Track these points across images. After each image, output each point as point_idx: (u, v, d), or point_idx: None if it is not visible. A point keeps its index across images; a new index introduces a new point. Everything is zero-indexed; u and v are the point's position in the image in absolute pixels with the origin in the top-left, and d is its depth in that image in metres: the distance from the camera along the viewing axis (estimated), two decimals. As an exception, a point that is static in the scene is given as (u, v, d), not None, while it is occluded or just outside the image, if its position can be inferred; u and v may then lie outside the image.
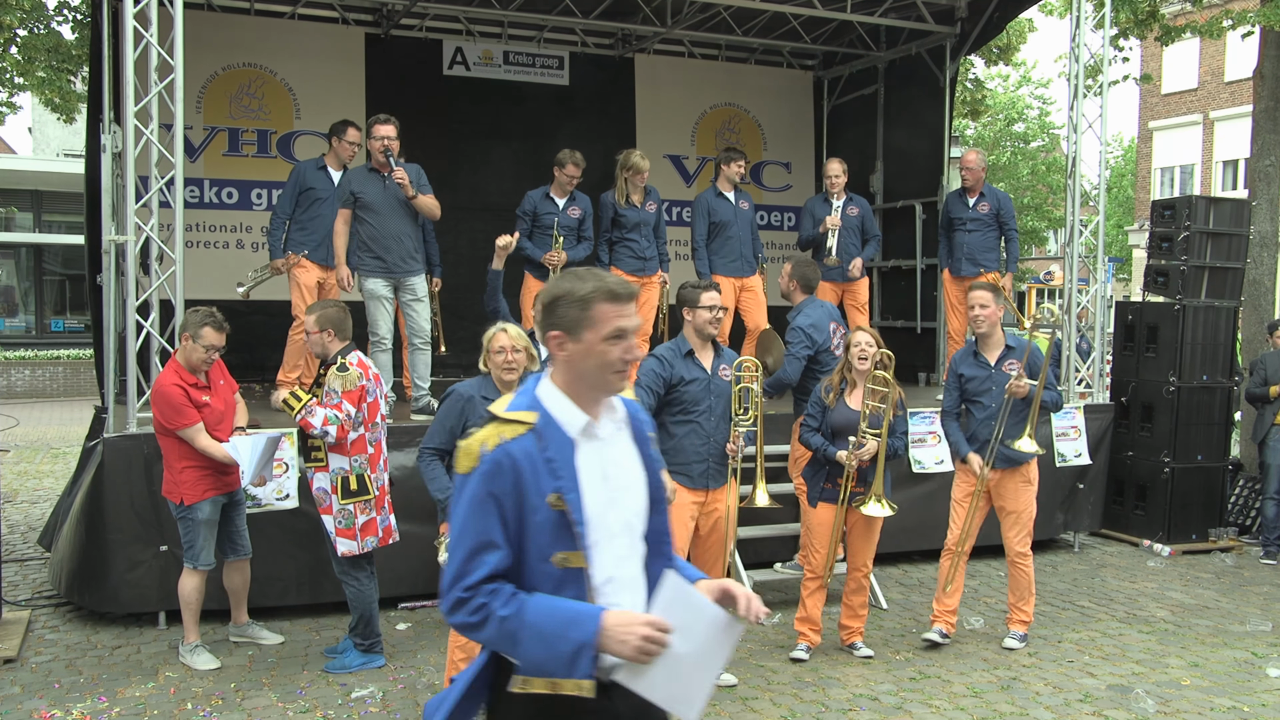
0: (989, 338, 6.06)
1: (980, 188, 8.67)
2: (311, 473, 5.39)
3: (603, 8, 10.14)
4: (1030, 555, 6.13)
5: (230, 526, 5.76)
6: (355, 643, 5.57)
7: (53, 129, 30.77)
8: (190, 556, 5.56)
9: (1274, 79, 10.40)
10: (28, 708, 5.00)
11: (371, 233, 6.94)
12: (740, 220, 8.28)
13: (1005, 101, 31.21)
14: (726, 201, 8.31)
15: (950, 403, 6.16)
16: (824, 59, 12.00)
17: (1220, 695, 5.36)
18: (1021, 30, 14.98)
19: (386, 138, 6.85)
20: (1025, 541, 6.08)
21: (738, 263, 8.28)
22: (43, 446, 14.09)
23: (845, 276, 8.58)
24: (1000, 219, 8.62)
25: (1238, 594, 7.33)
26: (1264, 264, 10.33)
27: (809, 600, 5.85)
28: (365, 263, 6.97)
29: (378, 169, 6.93)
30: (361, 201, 6.90)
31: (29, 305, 25.30)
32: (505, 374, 4.81)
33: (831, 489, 5.71)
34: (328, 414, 5.21)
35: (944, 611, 6.14)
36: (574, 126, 10.81)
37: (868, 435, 5.58)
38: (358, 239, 6.97)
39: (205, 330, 5.47)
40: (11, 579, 7.17)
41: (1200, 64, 29.10)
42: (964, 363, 6.14)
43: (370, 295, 6.97)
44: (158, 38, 6.16)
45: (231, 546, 5.81)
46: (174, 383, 5.45)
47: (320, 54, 10.11)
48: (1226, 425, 8.83)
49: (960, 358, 6.20)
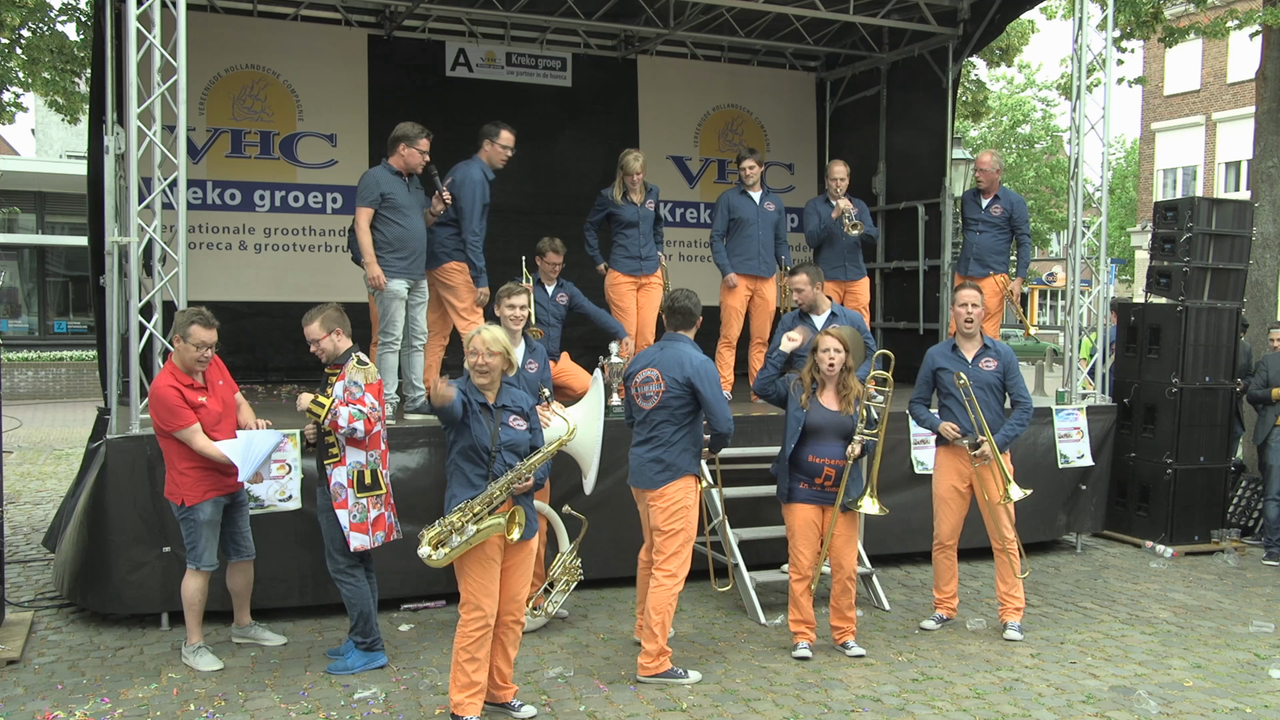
0: (970, 336, 6.31)
1: (995, 190, 8.65)
2: (330, 469, 5.38)
3: (605, 9, 10.14)
4: (1015, 541, 6.32)
5: (233, 528, 5.77)
6: (356, 642, 5.57)
7: (56, 130, 30.81)
8: (193, 558, 5.57)
9: (1277, 80, 10.39)
10: (31, 709, 5.00)
11: (399, 234, 6.99)
12: (762, 220, 8.27)
13: (1011, 104, 31.22)
14: (749, 200, 8.33)
15: (920, 393, 6.45)
16: (826, 60, 12.00)
17: (1223, 696, 5.36)
18: (1023, 32, 14.99)
19: (427, 152, 7.06)
20: (1010, 529, 6.29)
21: (754, 262, 8.30)
22: (45, 448, 14.10)
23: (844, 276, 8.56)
24: (1013, 222, 8.60)
25: (1240, 595, 7.32)
26: (1266, 265, 10.32)
27: (801, 600, 5.88)
28: (390, 263, 7.02)
29: (402, 174, 7.02)
30: (391, 202, 6.97)
31: (32, 306, 25.34)
32: (478, 376, 4.88)
33: (807, 489, 5.76)
34: (352, 411, 5.24)
35: (945, 597, 6.44)
36: (577, 128, 10.84)
37: (863, 435, 5.66)
38: (383, 239, 7.02)
39: (194, 329, 5.46)
40: (14, 580, 7.19)
41: (1203, 65, 29.08)
42: (940, 357, 6.38)
43: (393, 295, 7.03)
44: (161, 39, 6.17)
45: (234, 548, 5.81)
46: (169, 384, 5.46)
47: (323, 55, 10.12)
48: (1229, 427, 8.82)
49: (938, 352, 6.43)
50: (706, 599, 6.79)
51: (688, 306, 5.69)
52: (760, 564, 6.86)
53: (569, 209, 9.52)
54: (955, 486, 6.33)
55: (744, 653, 5.93)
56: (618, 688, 5.36)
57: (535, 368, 6.33)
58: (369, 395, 5.34)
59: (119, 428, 6.19)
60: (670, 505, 5.49)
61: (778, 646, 6.04)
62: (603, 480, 6.54)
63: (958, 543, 6.44)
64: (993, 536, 6.33)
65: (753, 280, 8.32)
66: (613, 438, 6.71)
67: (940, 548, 6.44)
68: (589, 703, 5.16)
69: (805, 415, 5.74)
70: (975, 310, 6.22)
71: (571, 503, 6.42)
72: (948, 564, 6.45)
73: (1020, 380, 6.34)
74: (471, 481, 4.79)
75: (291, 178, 10.02)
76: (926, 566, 7.72)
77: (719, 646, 6.03)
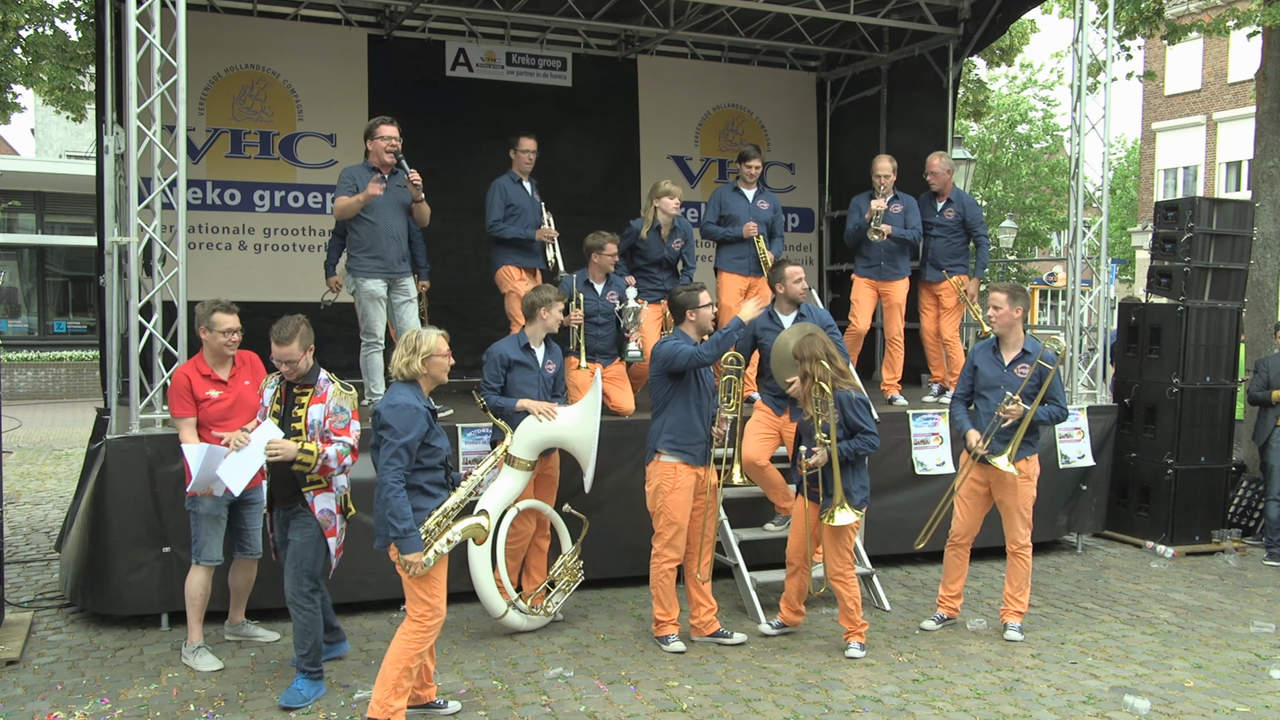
0: (1007, 337, 6.29)
1: (948, 192, 8.58)
2: (312, 496, 5.08)
3: (605, 9, 10.14)
4: (1030, 546, 6.32)
5: (240, 524, 5.76)
6: (308, 671, 5.17)
7: (56, 130, 30.80)
8: (194, 551, 5.59)
9: (1277, 80, 10.38)
10: (30, 709, 5.00)
11: (372, 233, 6.95)
12: (755, 219, 8.22)
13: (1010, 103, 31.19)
14: (742, 198, 8.29)
15: (961, 389, 6.47)
16: (827, 60, 11.99)
17: (1224, 697, 5.35)
18: (1024, 32, 14.96)
19: (393, 139, 6.93)
20: (1025, 534, 6.29)
21: (746, 260, 8.25)
22: (45, 448, 14.10)
23: (877, 276, 8.50)
24: (967, 225, 8.51)
25: (1241, 595, 7.32)
26: (1267, 265, 10.31)
27: (788, 582, 6.20)
28: (363, 264, 6.97)
29: (379, 169, 6.95)
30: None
31: (31, 306, 25.33)
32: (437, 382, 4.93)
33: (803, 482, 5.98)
34: (339, 449, 5.03)
35: (948, 597, 6.47)
36: (577, 128, 10.83)
37: (822, 443, 5.73)
38: (355, 239, 6.98)
39: (216, 316, 5.55)
40: (14, 580, 7.19)
41: (1204, 65, 29.09)
42: (981, 355, 6.39)
43: (369, 296, 6.99)
44: (160, 39, 6.16)
45: (240, 544, 5.81)
46: (185, 371, 5.60)
47: (323, 55, 10.11)
48: (1229, 427, 8.81)
49: (980, 349, 6.44)
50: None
51: (673, 301, 6.09)
52: (760, 564, 6.85)
53: (569, 209, 9.51)
54: (974, 486, 6.33)
55: (744, 653, 5.92)
56: (618, 688, 5.35)
57: (553, 368, 6.37)
58: (355, 422, 5.13)
59: (119, 428, 6.18)
60: (649, 487, 5.93)
61: (778, 647, 6.04)
62: (603, 480, 6.55)
63: (972, 543, 6.44)
64: (1008, 538, 6.33)
65: (745, 279, 8.29)
66: (612, 438, 6.73)
67: (953, 545, 6.45)
68: (589, 703, 5.16)
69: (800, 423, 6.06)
70: (998, 312, 6.22)
71: (572, 502, 6.42)
72: (958, 562, 6.45)
73: (1058, 385, 6.22)
74: (430, 492, 4.81)
75: (291, 178, 10.01)
76: (926, 566, 7.74)
77: (719, 646, 6.02)
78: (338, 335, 10.43)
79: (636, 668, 5.65)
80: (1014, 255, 29.32)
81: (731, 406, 5.97)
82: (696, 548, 5.96)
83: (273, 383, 5.24)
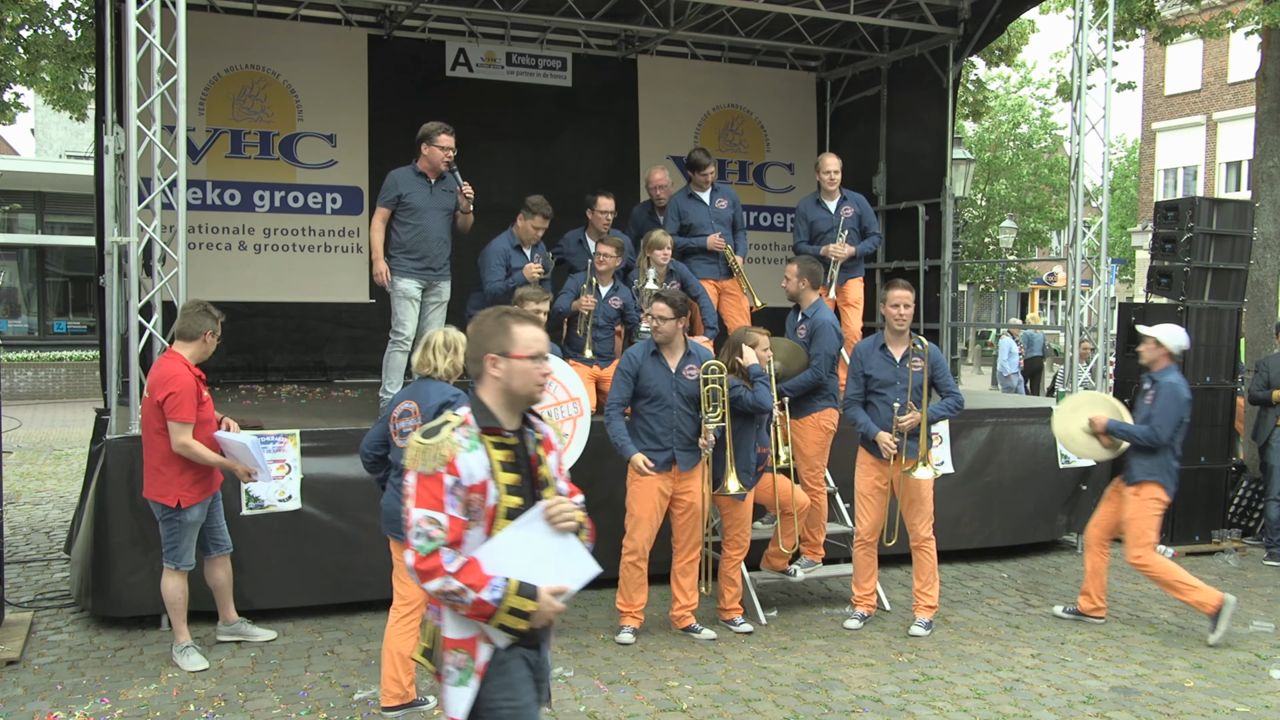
0: (899, 335, 6.26)
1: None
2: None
3: (605, 9, 10.14)
4: (933, 539, 6.34)
5: (210, 523, 5.75)
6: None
7: (55, 130, 30.83)
8: (173, 557, 5.56)
9: (1277, 80, 10.38)
10: (30, 709, 5.00)
11: (414, 235, 7.07)
12: (717, 222, 8.11)
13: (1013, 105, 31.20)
14: (699, 203, 8.15)
15: (853, 391, 6.37)
16: (827, 60, 12.00)
17: (1224, 697, 5.35)
18: (1023, 32, 14.97)
19: (452, 149, 7.08)
20: (928, 527, 6.30)
21: (714, 265, 8.13)
22: (45, 448, 14.10)
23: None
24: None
25: (1241, 595, 7.29)
26: (1267, 265, 10.31)
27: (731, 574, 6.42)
28: (401, 263, 7.10)
29: (427, 174, 7.07)
30: (408, 204, 7.04)
31: (31, 306, 25.34)
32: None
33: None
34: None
35: (864, 595, 6.51)
36: (577, 128, 10.84)
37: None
38: (396, 239, 7.06)
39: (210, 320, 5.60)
40: (14, 580, 7.18)
41: (1204, 65, 29.09)
42: (870, 357, 6.32)
43: (404, 295, 7.08)
44: (160, 39, 6.16)
45: (213, 543, 5.79)
46: (185, 372, 5.42)
47: (323, 55, 10.12)
48: (1229, 427, 8.80)
49: (866, 351, 6.36)
50: (706, 599, 6.78)
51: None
52: (760, 564, 6.85)
53: (569, 209, 9.52)
54: (876, 485, 6.33)
55: (744, 653, 5.92)
56: (618, 688, 5.35)
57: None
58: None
59: (118, 428, 6.18)
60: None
61: (778, 647, 6.04)
62: (604, 479, 6.55)
63: (878, 540, 6.48)
64: (911, 533, 6.35)
65: (716, 283, 8.15)
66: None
67: (861, 544, 6.46)
68: (589, 703, 5.16)
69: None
70: (908, 310, 6.20)
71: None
72: (868, 560, 6.48)
73: (948, 375, 6.32)
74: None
75: (291, 178, 10.02)
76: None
77: (719, 646, 6.02)
78: (337, 335, 10.46)
79: (636, 668, 5.65)
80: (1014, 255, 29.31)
81: (717, 416, 5.99)
82: (680, 544, 6.17)
83: None
